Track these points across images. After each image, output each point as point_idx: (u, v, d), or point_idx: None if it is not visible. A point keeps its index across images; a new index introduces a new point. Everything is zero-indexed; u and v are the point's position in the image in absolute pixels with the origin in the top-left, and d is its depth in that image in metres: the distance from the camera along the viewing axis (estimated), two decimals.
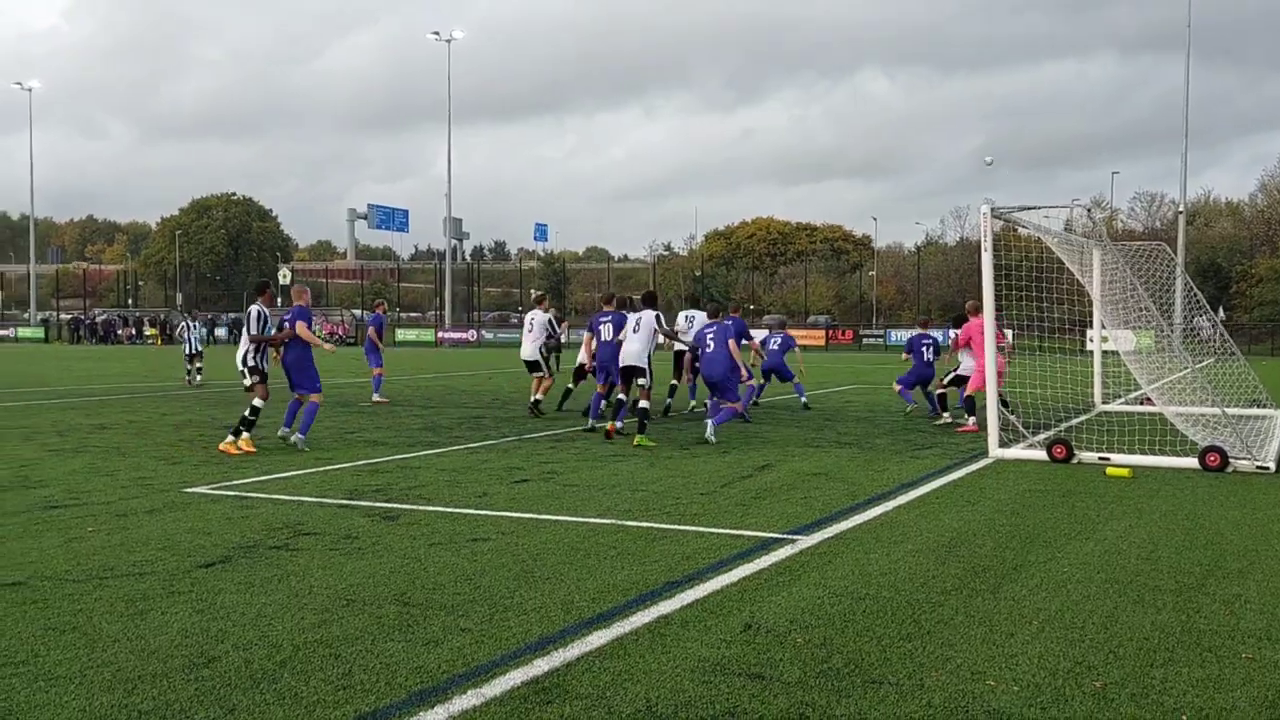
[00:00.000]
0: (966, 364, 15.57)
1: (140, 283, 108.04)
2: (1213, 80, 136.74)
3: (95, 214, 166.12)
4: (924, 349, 16.93)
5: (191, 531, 7.69)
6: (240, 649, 4.98)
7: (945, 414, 16.01)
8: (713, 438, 13.18)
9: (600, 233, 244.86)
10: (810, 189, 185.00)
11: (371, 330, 20.83)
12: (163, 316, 75.32)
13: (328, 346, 12.96)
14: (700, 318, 16.32)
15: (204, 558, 6.85)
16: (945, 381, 16.18)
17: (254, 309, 12.74)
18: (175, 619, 5.46)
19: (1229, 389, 16.68)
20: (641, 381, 13.55)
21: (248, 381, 12.70)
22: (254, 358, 12.67)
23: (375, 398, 19.74)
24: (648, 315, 13.80)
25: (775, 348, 18.59)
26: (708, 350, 13.79)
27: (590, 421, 14.58)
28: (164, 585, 6.14)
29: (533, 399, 17.12)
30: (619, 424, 13.74)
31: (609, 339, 14.43)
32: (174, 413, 17.64)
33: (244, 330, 12.82)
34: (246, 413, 12.44)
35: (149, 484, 9.92)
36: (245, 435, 12.39)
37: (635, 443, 12.77)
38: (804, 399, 18.48)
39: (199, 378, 25.69)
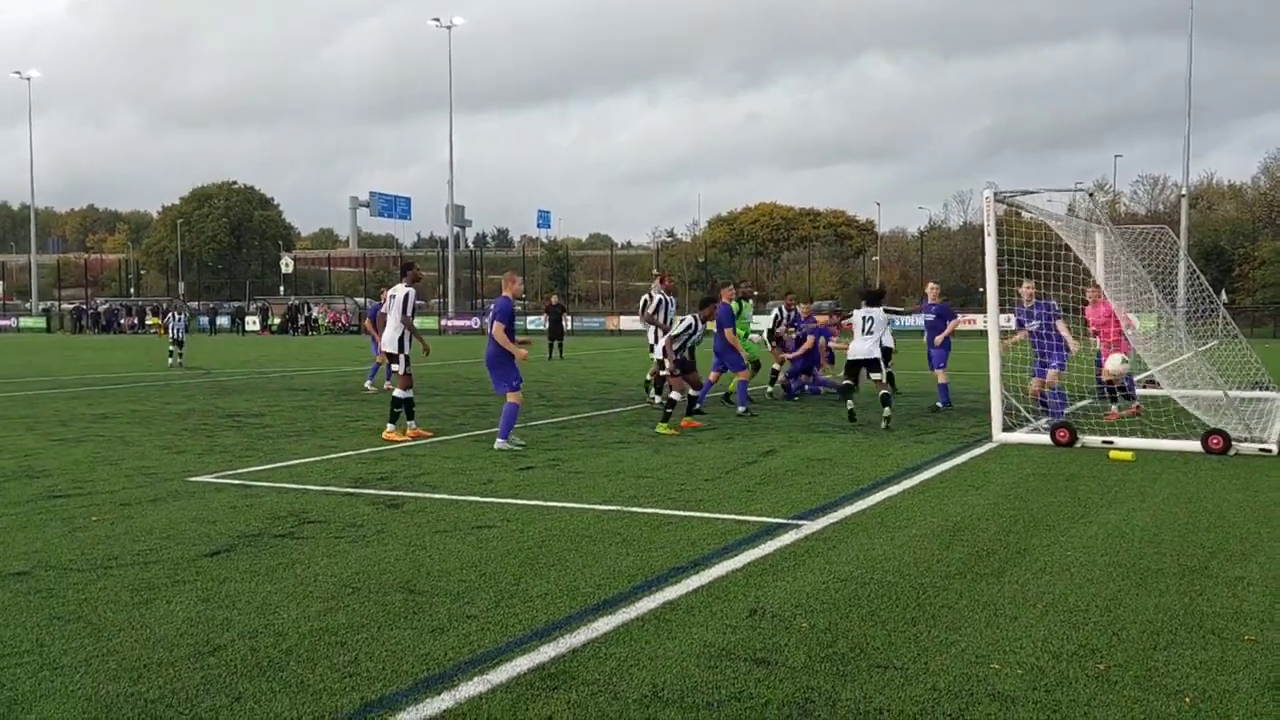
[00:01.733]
0: (855, 347, 14.08)
1: (142, 272, 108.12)
2: (1214, 62, 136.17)
3: (96, 204, 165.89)
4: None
5: (196, 520, 7.71)
6: (246, 637, 4.99)
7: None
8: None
9: (604, 219, 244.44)
10: (815, 174, 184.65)
11: (367, 321, 21.09)
12: (164, 305, 75.44)
13: (521, 353, 11.53)
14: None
15: (208, 546, 6.87)
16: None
17: (403, 290, 12.60)
18: (180, 608, 5.48)
19: (1231, 371, 16.65)
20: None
21: (398, 368, 12.52)
22: (407, 344, 12.53)
23: (367, 385, 19.73)
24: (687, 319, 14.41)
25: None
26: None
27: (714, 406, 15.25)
28: (169, 574, 6.16)
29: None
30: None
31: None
32: (177, 401, 17.66)
33: (392, 314, 12.63)
34: (400, 405, 12.41)
35: (153, 473, 9.94)
36: (409, 423, 12.46)
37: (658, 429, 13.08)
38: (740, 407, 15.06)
39: (180, 360, 28.41)
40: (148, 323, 71.11)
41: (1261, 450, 10.94)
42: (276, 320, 69.26)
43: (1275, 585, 5.91)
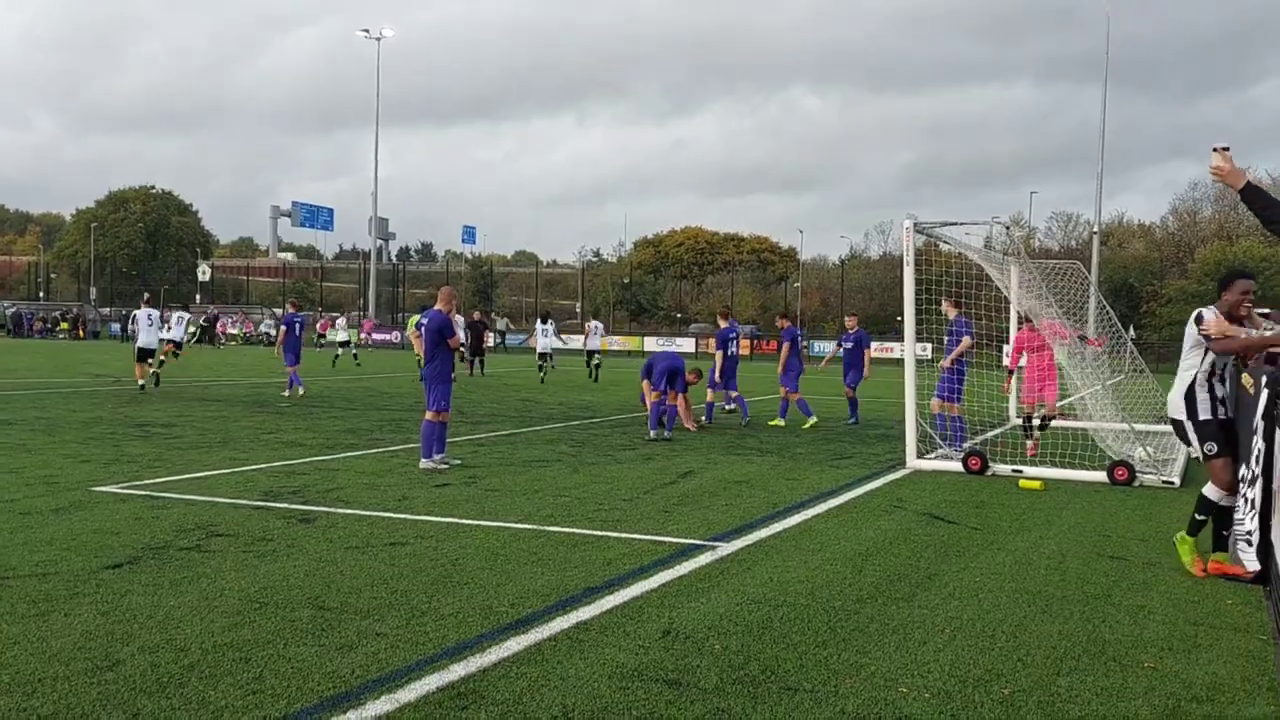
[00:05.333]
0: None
1: (52, 275, 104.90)
2: (1127, 108, 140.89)
3: (6, 204, 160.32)
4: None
5: (98, 531, 7.47)
6: (146, 652, 4.84)
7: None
8: None
9: (530, 237, 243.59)
10: (741, 200, 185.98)
11: (282, 330, 21.55)
12: (74, 311, 73.30)
13: (456, 340, 11.53)
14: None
15: (111, 558, 6.66)
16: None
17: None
18: (79, 621, 5.30)
19: (1138, 406, 17.16)
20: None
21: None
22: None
23: (285, 394, 20.88)
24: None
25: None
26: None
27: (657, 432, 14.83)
28: (68, 586, 5.96)
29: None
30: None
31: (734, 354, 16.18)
32: (84, 409, 17.13)
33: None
34: None
35: (55, 482, 9.62)
36: None
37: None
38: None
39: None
40: (59, 327, 68.95)
41: (1164, 483, 11.27)
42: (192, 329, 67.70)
43: (1174, 614, 6.09)
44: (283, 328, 21.45)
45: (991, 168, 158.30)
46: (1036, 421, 14.08)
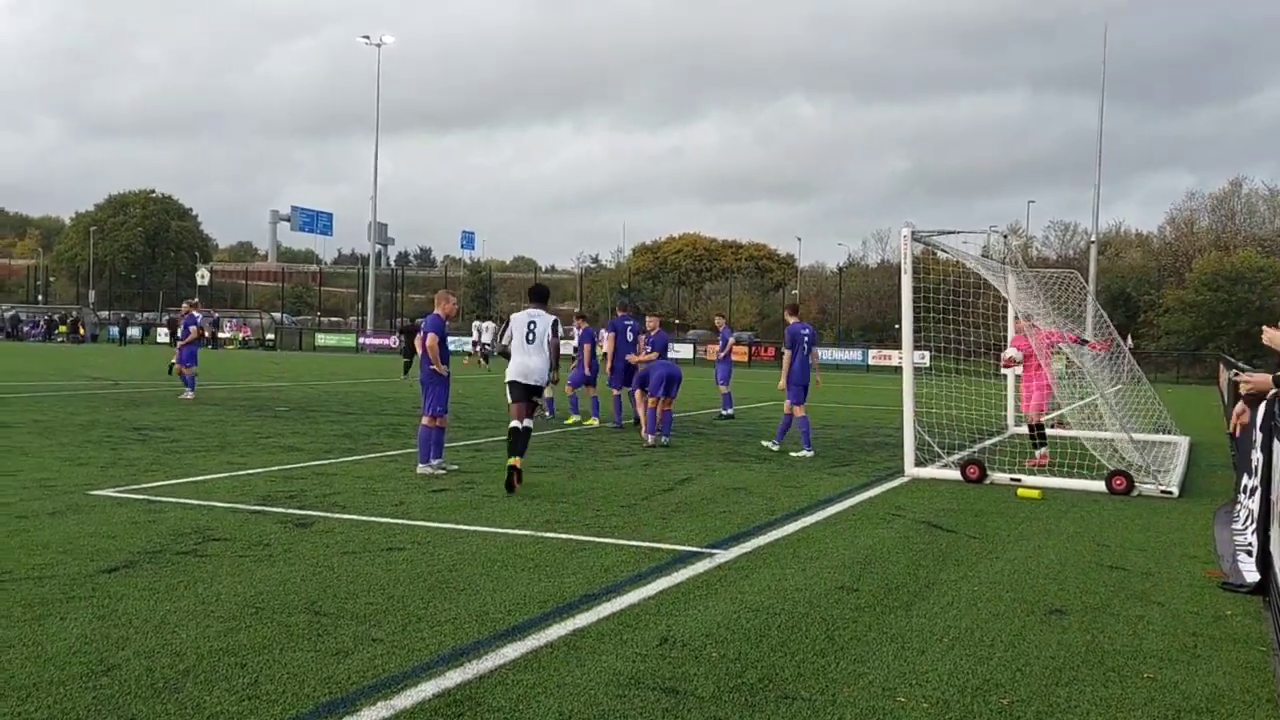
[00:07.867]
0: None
1: (51, 279, 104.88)
2: (1121, 116, 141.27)
3: (5, 207, 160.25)
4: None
5: (95, 535, 7.45)
6: (142, 657, 4.82)
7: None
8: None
9: (528, 243, 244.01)
10: (739, 207, 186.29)
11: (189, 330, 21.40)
12: (74, 314, 73.32)
13: (443, 369, 11.15)
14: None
15: (107, 562, 6.64)
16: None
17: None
18: (74, 625, 5.28)
19: (1136, 415, 17.17)
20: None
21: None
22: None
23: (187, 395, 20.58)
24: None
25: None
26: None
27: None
28: (64, 590, 5.93)
29: None
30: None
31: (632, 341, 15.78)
32: (81, 412, 17.11)
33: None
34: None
35: (52, 485, 9.59)
36: None
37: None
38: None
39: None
40: (57, 331, 68.94)
41: (1163, 492, 11.26)
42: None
43: (1173, 625, 6.07)
44: (194, 328, 21.33)
45: (986, 175, 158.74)
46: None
